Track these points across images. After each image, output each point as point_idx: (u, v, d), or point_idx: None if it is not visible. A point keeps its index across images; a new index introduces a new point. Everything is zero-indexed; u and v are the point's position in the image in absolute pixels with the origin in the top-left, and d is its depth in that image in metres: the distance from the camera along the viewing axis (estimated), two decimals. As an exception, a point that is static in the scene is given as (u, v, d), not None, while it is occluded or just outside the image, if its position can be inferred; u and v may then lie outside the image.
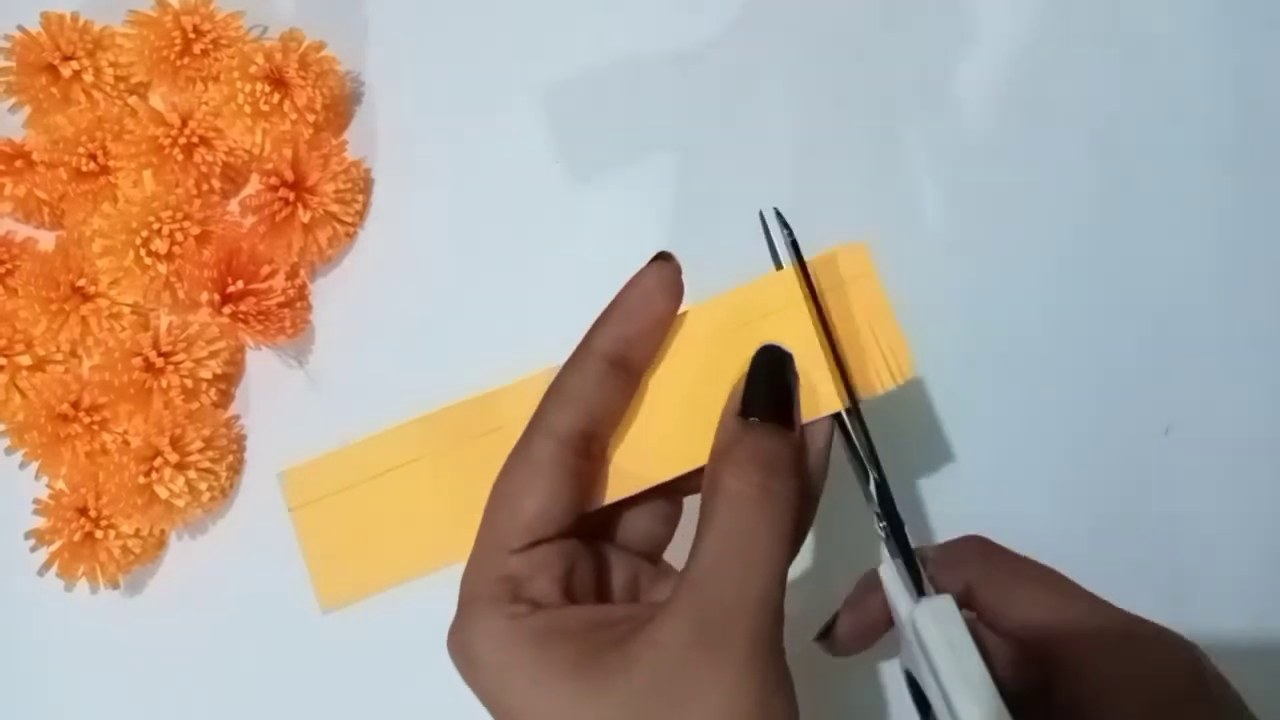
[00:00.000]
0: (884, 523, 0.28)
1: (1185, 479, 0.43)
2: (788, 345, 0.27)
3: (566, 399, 0.26)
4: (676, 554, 0.28)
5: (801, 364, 0.27)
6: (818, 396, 0.28)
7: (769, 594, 0.23)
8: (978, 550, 0.30)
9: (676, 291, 0.27)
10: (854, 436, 0.29)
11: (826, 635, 0.32)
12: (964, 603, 0.29)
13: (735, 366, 0.27)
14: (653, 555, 0.30)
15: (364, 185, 0.47)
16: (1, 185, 0.45)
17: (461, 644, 0.24)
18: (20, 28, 0.46)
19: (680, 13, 0.48)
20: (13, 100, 0.46)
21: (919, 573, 0.28)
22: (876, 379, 0.29)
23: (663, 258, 0.27)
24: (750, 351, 0.27)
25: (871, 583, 0.31)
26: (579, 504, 0.26)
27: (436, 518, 0.28)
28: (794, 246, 0.29)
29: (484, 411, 0.28)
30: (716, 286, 0.29)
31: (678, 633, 0.22)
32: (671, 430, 0.27)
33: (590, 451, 0.26)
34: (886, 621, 0.31)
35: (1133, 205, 0.45)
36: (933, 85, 0.47)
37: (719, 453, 0.26)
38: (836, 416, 0.28)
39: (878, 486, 0.28)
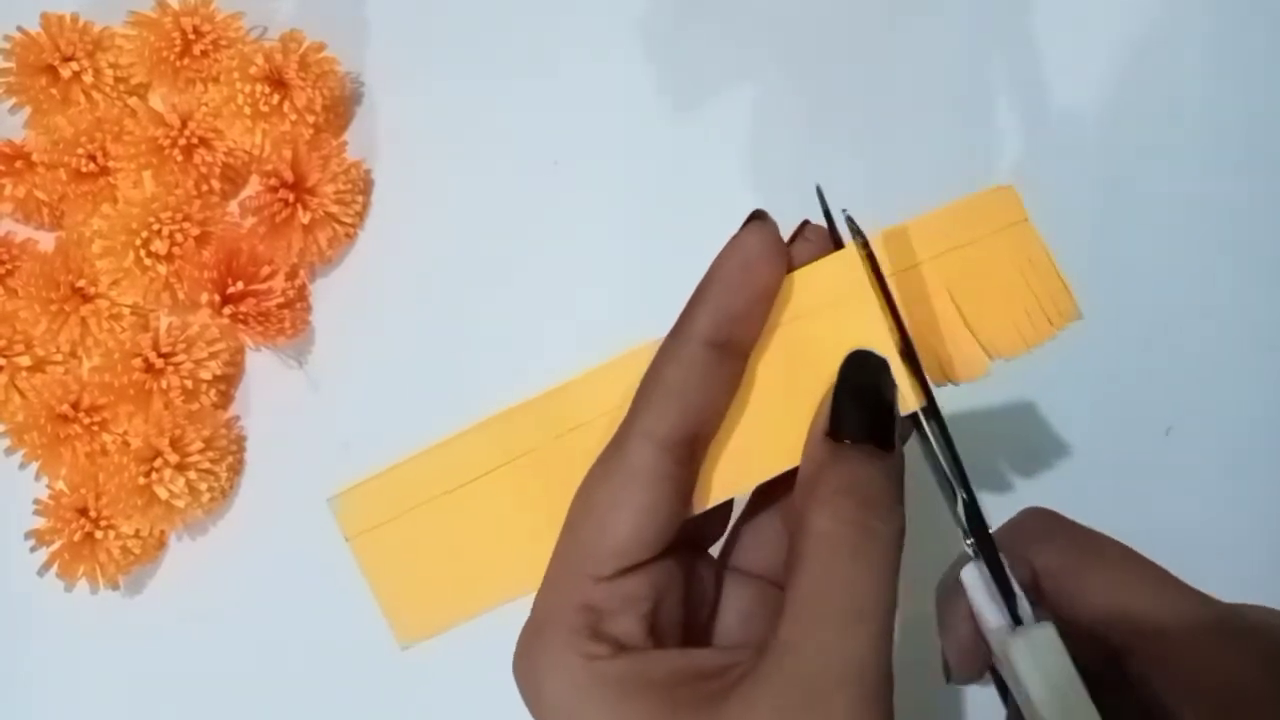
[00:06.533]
0: (970, 540, 0.25)
1: (1186, 480, 0.43)
2: (873, 335, 0.23)
3: (667, 396, 0.22)
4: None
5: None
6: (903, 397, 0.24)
7: (873, 655, 0.20)
8: (1043, 526, 0.27)
9: (782, 255, 0.23)
10: (934, 443, 0.24)
11: (950, 676, 0.29)
12: (1029, 587, 0.25)
13: (832, 344, 0.23)
14: (777, 580, 0.26)
15: (364, 186, 0.47)
16: (1, 186, 0.45)
17: (531, 673, 0.22)
18: (20, 28, 0.46)
19: (680, 13, 0.48)
20: (13, 101, 0.46)
21: (1012, 598, 0.24)
22: (1031, 329, 0.25)
23: (758, 217, 0.23)
24: (844, 327, 0.23)
25: (953, 598, 0.27)
26: (677, 519, 0.22)
27: (517, 534, 0.24)
28: (851, 224, 0.24)
29: (561, 407, 0.24)
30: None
31: (773, 705, 0.20)
32: (775, 418, 0.23)
33: (693, 456, 0.23)
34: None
35: (1132, 204, 0.45)
36: (932, 84, 0.47)
37: (805, 484, 0.22)
38: (913, 417, 0.24)
39: (966, 505, 0.24)
